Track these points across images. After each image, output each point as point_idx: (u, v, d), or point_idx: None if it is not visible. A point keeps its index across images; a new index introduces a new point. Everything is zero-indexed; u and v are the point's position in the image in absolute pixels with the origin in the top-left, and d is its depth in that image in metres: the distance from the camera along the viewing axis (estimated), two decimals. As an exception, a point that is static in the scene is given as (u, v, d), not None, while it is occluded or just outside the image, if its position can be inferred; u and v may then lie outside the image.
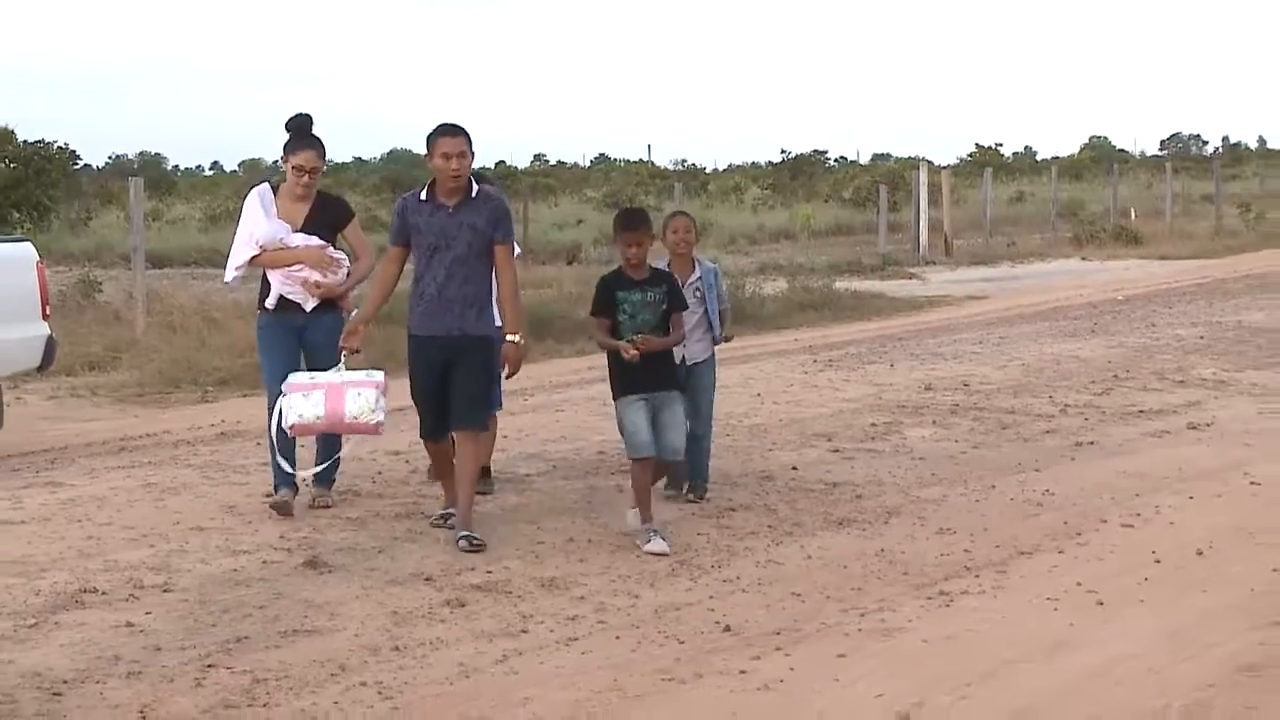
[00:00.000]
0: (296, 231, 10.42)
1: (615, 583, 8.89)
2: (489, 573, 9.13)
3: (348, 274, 10.56)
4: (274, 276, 10.43)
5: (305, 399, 9.78)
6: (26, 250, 14.71)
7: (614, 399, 9.86)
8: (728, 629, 8.04)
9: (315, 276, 10.35)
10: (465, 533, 9.51)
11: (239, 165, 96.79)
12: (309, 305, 10.40)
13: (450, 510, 9.88)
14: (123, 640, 7.96)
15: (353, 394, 9.74)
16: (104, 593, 8.82)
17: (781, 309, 25.25)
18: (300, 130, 10.46)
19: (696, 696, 7.19)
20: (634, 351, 9.47)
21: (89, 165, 65.11)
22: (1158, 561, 9.60)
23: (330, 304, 10.47)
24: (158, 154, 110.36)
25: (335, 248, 10.60)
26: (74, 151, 52.52)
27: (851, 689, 7.28)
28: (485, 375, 9.86)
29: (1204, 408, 15.16)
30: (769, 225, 50.44)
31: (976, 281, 32.19)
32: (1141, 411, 14.95)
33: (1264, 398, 15.84)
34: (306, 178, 10.42)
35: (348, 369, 9.94)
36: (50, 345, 14.48)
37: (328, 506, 10.42)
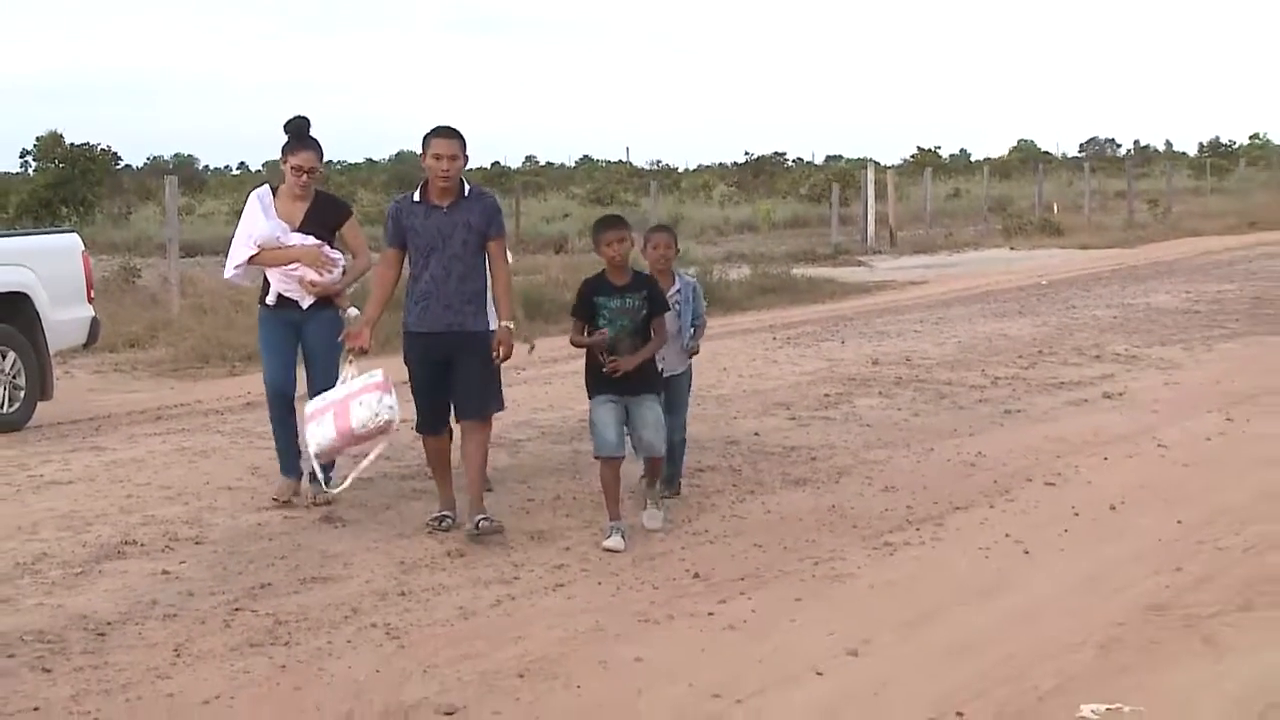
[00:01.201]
0: (295, 230, 9.61)
1: (598, 535, 8.88)
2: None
3: (344, 272, 9.74)
4: (272, 275, 9.65)
5: (319, 426, 8.99)
6: (73, 241, 14.91)
7: (589, 397, 8.98)
8: (697, 576, 8.05)
9: (311, 275, 9.54)
10: (480, 516, 8.72)
11: (263, 165, 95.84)
12: (305, 303, 9.61)
13: (445, 513, 9.02)
14: (160, 586, 7.97)
15: (354, 405, 8.86)
16: (143, 544, 8.82)
17: (745, 293, 25.25)
18: (298, 132, 9.69)
19: (669, 635, 7.21)
20: (613, 365, 8.64)
21: (129, 165, 64.65)
22: (1076, 515, 9.62)
23: (327, 301, 9.67)
24: (190, 155, 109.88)
25: (333, 246, 9.78)
26: (115, 153, 52.44)
27: (806, 628, 7.30)
28: (487, 368, 8.92)
29: (1117, 380, 15.18)
30: (734, 218, 50.37)
31: (917, 268, 32.19)
32: (1062, 383, 14.97)
33: (1169, 370, 15.87)
34: (305, 177, 9.63)
35: (353, 366, 9.08)
36: (95, 325, 14.64)
37: (329, 503, 9.55)
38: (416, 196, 8.89)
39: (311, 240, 9.65)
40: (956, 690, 6.52)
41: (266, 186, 9.92)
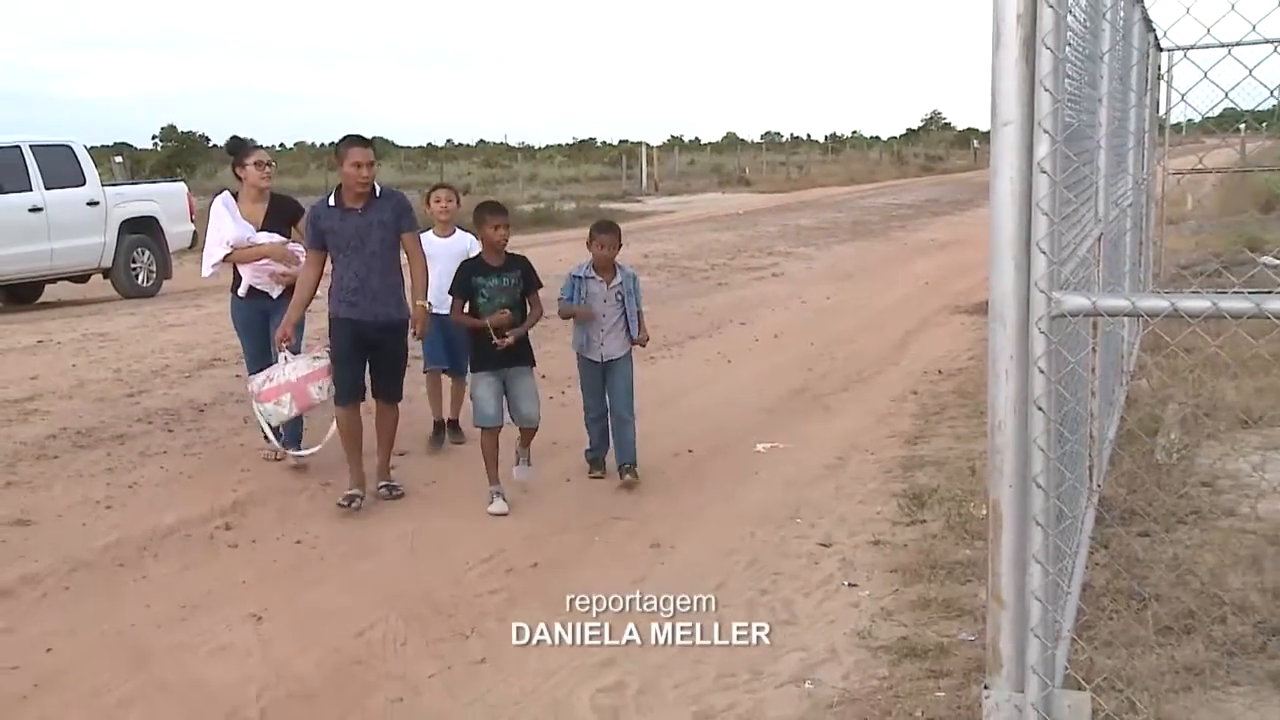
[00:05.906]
0: (259, 230, 6.54)
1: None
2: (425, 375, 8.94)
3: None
4: (244, 270, 6.56)
5: (278, 406, 6.12)
6: (182, 188, 15.17)
7: (470, 371, 5.97)
8: (545, 377, 7.95)
9: (280, 268, 6.49)
10: (385, 482, 6.02)
11: (294, 145, 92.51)
12: (275, 293, 6.52)
13: (354, 493, 5.83)
14: (235, 385, 7.72)
15: (313, 389, 6.08)
16: (225, 360, 8.57)
17: (572, 218, 24.86)
18: (247, 142, 6.82)
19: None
20: (504, 341, 5.69)
21: (216, 145, 62.14)
22: (756, 341, 9.75)
23: (292, 289, 6.54)
24: (252, 138, 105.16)
25: (290, 240, 6.60)
26: (207, 136, 51.09)
27: (606, 404, 7.30)
28: (403, 358, 6.04)
29: (780, 266, 15.33)
30: (567, 175, 49.67)
31: (671, 205, 32.01)
32: (750, 268, 15.08)
33: (808, 260, 16.08)
34: (269, 169, 6.62)
35: (285, 353, 6.12)
36: (195, 236, 14.55)
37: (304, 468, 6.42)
38: (331, 201, 5.80)
39: (277, 238, 6.61)
40: (689, 438, 6.63)
41: (227, 193, 6.78)
